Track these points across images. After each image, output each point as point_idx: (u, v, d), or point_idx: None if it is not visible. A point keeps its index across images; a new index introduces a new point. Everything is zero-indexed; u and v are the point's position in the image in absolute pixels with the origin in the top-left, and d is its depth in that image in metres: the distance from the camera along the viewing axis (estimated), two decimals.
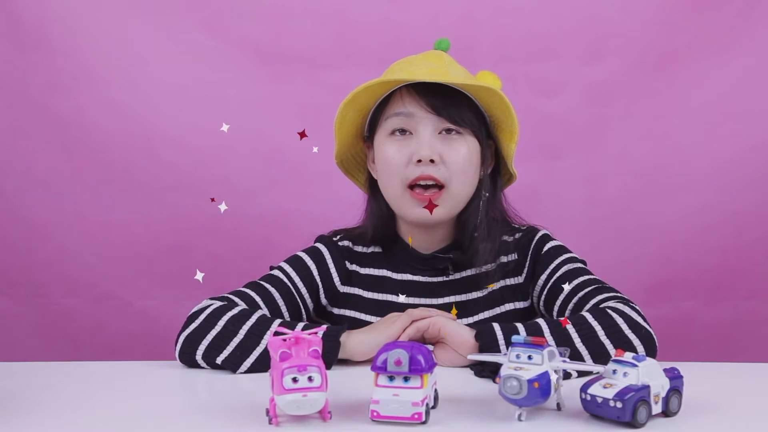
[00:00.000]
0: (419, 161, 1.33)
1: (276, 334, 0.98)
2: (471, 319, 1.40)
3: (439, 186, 1.34)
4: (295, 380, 0.92)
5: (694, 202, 2.12)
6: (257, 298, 1.36)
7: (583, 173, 2.14)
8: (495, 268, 1.40)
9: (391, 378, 0.95)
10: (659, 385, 0.96)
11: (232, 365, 1.22)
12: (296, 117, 2.14)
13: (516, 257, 1.44)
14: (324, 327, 1.09)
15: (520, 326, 1.21)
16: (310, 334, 0.98)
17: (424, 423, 0.94)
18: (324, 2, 2.14)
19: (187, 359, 1.26)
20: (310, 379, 0.92)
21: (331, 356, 1.20)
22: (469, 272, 1.42)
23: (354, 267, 1.47)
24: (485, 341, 1.20)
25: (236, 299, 1.34)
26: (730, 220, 2.11)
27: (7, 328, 2.16)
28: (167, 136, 2.13)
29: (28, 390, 1.13)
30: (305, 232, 1.54)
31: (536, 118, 2.03)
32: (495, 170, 1.45)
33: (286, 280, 1.41)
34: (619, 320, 1.22)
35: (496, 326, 1.21)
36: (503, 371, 0.96)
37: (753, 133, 2.11)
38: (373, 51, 2.09)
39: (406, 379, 0.95)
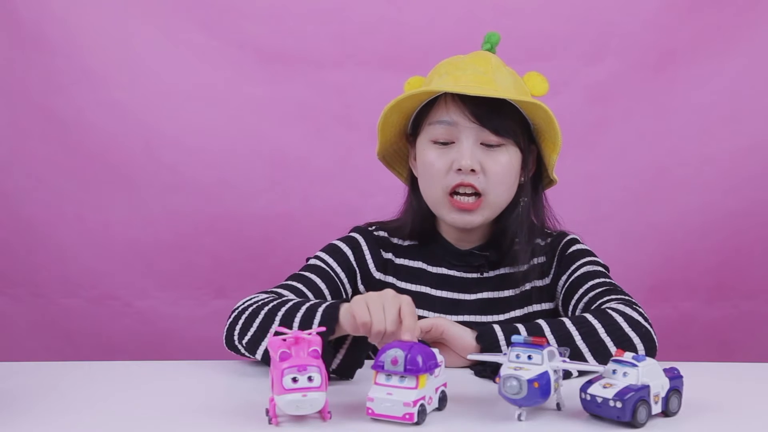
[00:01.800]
0: (459, 170, 1.33)
1: (276, 333, 0.98)
2: (501, 317, 1.41)
3: (478, 194, 1.35)
4: (294, 380, 0.92)
5: (693, 202, 2.12)
6: (304, 289, 1.36)
7: (583, 173, 2.14)
8: (529, 269, 1.41)
9: (389, 376, 0.95)
10: (659, 385, 0.97)
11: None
12: (296, 117, 2.15)
13: (545, 260, 1.45)
14: (322, 327, 1.08)
15: (520, 326, 1.21)
16: (309, 334, 0.98)
17: (417, 424, 0.94)
18: (324, 2, 2.13)
19: (232, 346, 1.27)
20: (309, 379, 0.92)
21: (330, 323, 1.14)
22: (503, 270, 1.44)
23: (389, 255, 1.47)
24: (486, 344, 1.21)
25: (283, 291, 1.34)
26: (730, 220, 2.11)
27: (7, 328, 2.15)
28: (167, 136, 2.13)
29: (28, 390, 1.13)
30: (306, 232, 1.54)
31: None
32: (536, 173, 1.46)
33: (326, 267, 1.42)
34: (619, 319, 1.22)
35: (497, 328, 1.22)
36: (503, 371, 0.96)
37: (752, 133, 2.11)
38: (373, 51, 2.09)
39: (402, 378, 0.95)
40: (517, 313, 1.42)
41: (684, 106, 2.12)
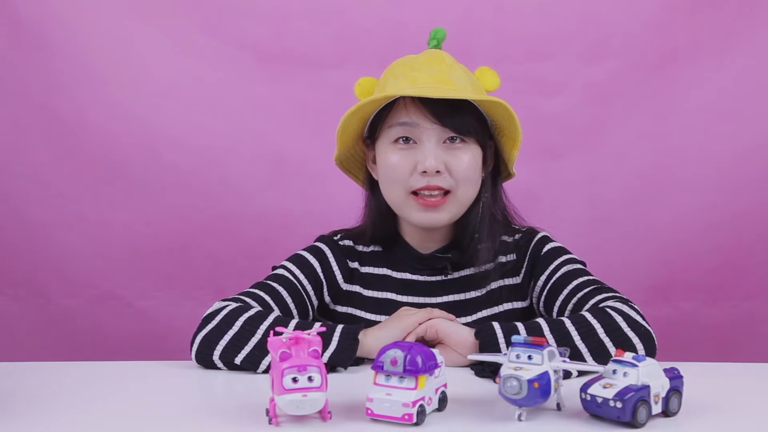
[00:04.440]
0: (424, 172, 1.33)
1: (275, 334, 0.98)
2: (469, 318, 1.40)
3: (445, 192, 1.35)
4: (295, 380, 0.92)
5: (694, 203, 2.12)
6: (268, 298, 1.36)
7: (583, 173, 2.14)
8: (493, 268, 1.41)
9: (389, 377, 0.95)
10: (659, 385, 0.96)
11: (251, 364, 1.22)
12: (296, 117, 2.15)
13: (514, 257, 1.45)
14: (322, 328, 1.09)
15: (520, 326, 1.21)
16: (318, 332, 0.98)
17: (416, 425, 0.94)
18: (324, 2, 2.14)
19: (204, 360, 1.26)
20: (310, 379, 0.92)
21: (349, 354, 1.20)
22: (467, 272, 1.43)
23: (355, 265, 1.47)
24: (485, 339, 1.20)
25: (249, 300, 1.34)
26: (730, 221, 2.11)
27: (7, 328, 2.16)
28: (167, 136, 2.13)
29: (28, 390, 1.13)
30: (305, 232, 1.54)
31: (536, 118, 2.03)
32: (494, 169, 1.45)
33: (292, 278, 1.42)
34: (618, 318, 1.22)
35: (496, 325, 1.22)
36: (503, 371, 0.96)
37: (753, 133, 2.11)
38: (373, 51, 2.09)
39: (402, 379, 0.95)
40: (486, 313, 1.41)
41: (684, 107, 2.12)
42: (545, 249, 1.43)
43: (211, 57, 2.13)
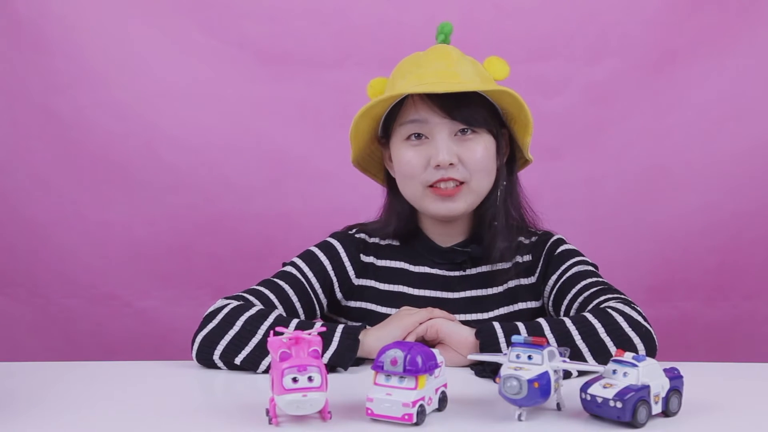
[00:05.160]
0: (438, 166, 1.33)
1: (276, 333, 0.98)
2: (485, 315, 1.41)
3: (459, 182, 1.36)
4: (295, 380, 0.92)
5: (694, 202, 2.12)
6: (272, 297, 1.36)
7: (583, 173, 2.15)
8: (512, 265, 1.42)
9: (389, 377, 0.95)
10: (659, 385, 0.97)
11: (251, 365, 1.22)
12: (296, 117, 2.15)
13: (530, 258, 1.46)
14: (323, 327, 1.09)
15: (520, 325, 1.21)
16: (319, 333, 0.98)
17: (416, 425, 0.94)
18: (324, 2, 2.14)
19: (205, 359, 1.26)
20: (310, 379, 0.92)
21: (350, 354, 1.20)
22: (484, 268, 1.43)
23: (370, 258, 1.47)
24: (485, 339, 1.20)
25: (252, 298, 1.34)
26: (730, 220, 2.12)
27: (7, 328, 2.16)
28: (167, 136, 2.13)
29: (28, 390, 1.13)
30: (305, 232, 1.54)
31: (536, 118, 2.02)
32: (510, 157, 1.45)
33: (300, 276, 1.41)
34: (619, 318, 1.22)
35: (496, 324, 1.22)
36: (503, 371, 0.96)
37: (753, 133, 2.11)
38: (373, 51, 2.09)
39: (402, 379, 0.95)
40: (503, 311, 1.42)
41: (684, 106, 2.12)
42: (559, 250, 1.44)
43: (211, 57, 2.13)
